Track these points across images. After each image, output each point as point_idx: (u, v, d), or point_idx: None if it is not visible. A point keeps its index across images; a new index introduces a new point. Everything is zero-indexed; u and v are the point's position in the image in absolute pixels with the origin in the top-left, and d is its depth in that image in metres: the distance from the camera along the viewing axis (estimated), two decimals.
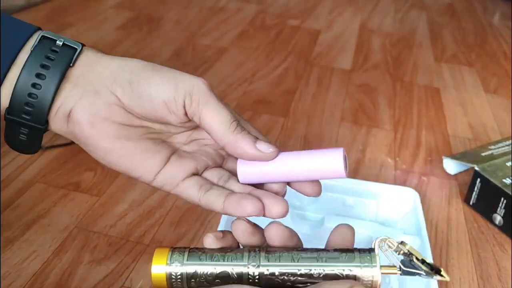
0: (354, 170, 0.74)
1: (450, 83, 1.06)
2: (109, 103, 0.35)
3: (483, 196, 0.66)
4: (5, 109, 0.36)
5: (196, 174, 0.38)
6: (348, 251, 0.32)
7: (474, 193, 0.67)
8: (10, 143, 0.37)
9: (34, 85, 0.35)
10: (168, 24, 1.20)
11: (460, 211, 0.68)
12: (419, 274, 0.31)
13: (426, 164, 0.77)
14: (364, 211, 0.62)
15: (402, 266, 0.32)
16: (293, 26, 1.26)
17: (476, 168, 0.67)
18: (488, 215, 0.66)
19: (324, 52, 1.14)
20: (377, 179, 0.73)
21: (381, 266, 0.31)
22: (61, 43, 0.36)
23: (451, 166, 0.75)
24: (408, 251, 0.32)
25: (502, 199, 0.64)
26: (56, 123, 0.36)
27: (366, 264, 0.31)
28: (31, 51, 0.35)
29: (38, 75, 0.35)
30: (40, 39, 0.36)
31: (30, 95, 0.35)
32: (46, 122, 0.36)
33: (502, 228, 0.65)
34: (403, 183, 0.72)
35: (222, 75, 0.98)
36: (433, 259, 0.53)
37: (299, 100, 0.92)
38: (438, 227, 0.65)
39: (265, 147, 0.35)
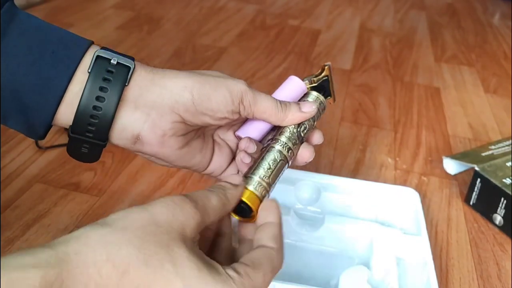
0: (354, 170, 0.74)
1: (450, 83, 1.06)
2: (173, 121, 0.38)
3: (483, 196, 0.66)
4: (64, 122, 0.38)
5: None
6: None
7: (474, 193, 0.67)
8: (72, 155, 0.40)
9: (95, 107, 0.37)
10: (168, 24, 1.20)
11: (460, 211, 0.68)
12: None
13: (426, 164, 0.77)
14: (364, 211, 0.62)
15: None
16: (293, 26, 1.26)
17: (476, 168, 0.67)
18: (488, 215, 0.66)
19: (324, 52, 1.14)
20: (377, 179, 0.73)
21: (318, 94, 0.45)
22: (115, 62, 0.37)
23: (451, 166, 0.75)
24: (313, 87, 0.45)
25: (502, 199, 0.64)
26: (120, 140, 0.39)
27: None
28: (89, 74, 0.37)
29: (98, 98, 0.37)
30: (95, 59, 0.37)
31: (92, 116, 0.37)
32: (107, 139, 0.38)
33: (502, 228, 0.65)
34: (403, 183, 0.72)
35: None
36: (433, 259, 0.53)
37: None
38: (438, 227, 0.65)
39: (308, 107, 0.42)
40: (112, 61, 0.37)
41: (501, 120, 0.92)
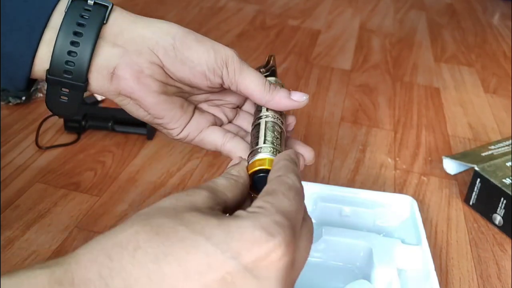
0: (354, 170, 0.74)
1: (450, 83, 1.06)
2: (151, 62, 0.37)
3: (483, 196, 0.66)
4: (45, 71, 0.37)
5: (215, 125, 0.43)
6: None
7: (474, 193, 0.67)
8: (51, 106, 0.39)
9: (72, 43, 0.36)
10: None
11: (460, 211, 0.68)
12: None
13: (426, 164, 0.77)
14: (362, 220, 0.60)
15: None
16: (293, 26, 1.26)
17: (476, 168, 0.67)
18: (488, 215, 0.66)
19: (324, 52, 1.14)
20: (376, 179, 0.73)
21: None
22: (92, 2, 0.37)
23: (451, 166, 0.75)
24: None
25: (502, 199, 0.64)
26: (99, 81, 0.38)
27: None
28: (65, 12, 0.36)
29: (76, 33, 0.36)
30: (71, 1, 0.37)
31: (69, 53, 0.36)
32: (86, 80, 0.37)
33: (502, 228, 0.65)
34: (403, 183, 0.72)
35: None
36: (433, 259, 0.53)
37: None
38: (438, 227, 0.65)
39: (298, 96, 0.40)
40: (89, 1, 0.37)
41: (501, 120, 0.92)
